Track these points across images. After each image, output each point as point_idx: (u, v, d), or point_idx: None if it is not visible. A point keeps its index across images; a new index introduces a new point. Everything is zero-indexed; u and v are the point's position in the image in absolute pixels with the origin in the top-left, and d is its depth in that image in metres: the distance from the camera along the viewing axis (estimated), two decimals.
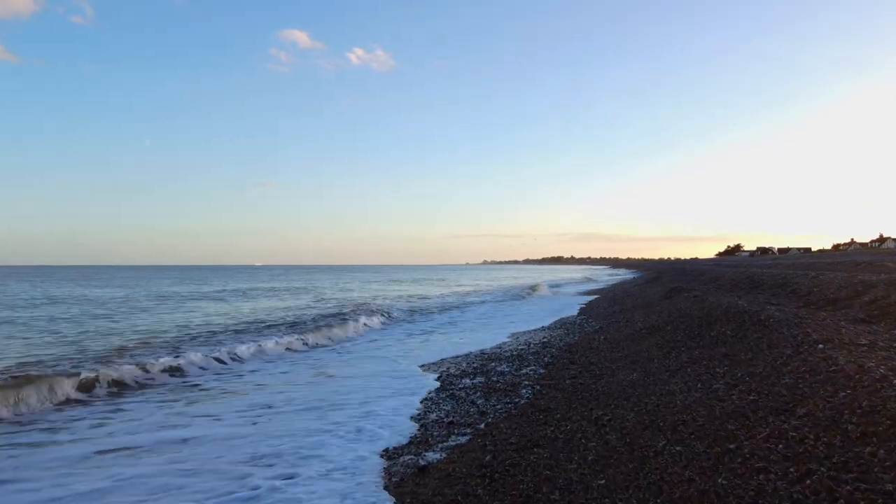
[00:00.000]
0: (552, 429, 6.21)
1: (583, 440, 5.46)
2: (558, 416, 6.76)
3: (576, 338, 14.24)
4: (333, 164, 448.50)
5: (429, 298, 36.78)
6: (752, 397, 5.00)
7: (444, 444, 6.43)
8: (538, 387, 8.88)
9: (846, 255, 51.84)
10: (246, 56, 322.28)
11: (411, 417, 7.90)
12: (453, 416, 7.67)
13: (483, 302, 33.31)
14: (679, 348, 8.88)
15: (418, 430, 7.16)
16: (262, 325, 19.90)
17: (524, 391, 8.74)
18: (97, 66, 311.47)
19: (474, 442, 6.26)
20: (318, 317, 22.24)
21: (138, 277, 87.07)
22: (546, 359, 11.66)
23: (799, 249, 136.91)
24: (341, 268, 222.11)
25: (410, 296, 39.38)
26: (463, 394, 9.15)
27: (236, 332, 17.88)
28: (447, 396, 9.06)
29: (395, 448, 6.40)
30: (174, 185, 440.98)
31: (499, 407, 7.91)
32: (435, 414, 8.01)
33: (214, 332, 17.68)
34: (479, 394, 8.96)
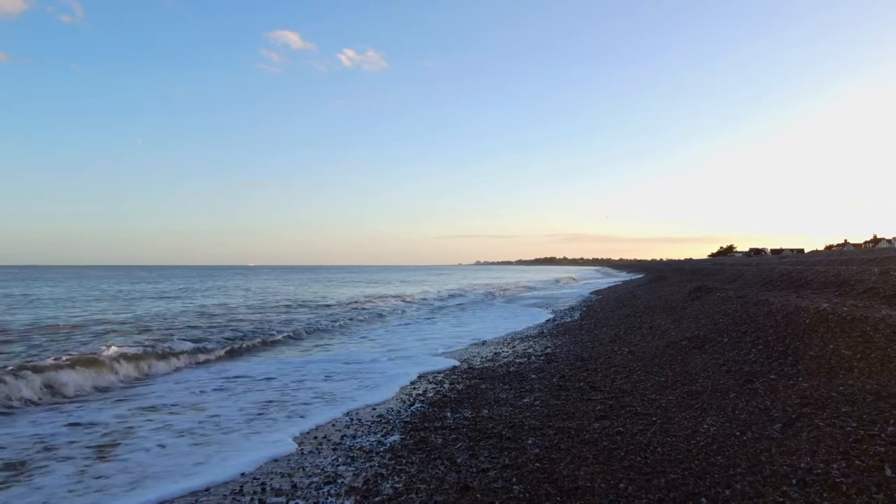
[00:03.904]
0: None
1: None
2: None
3: (588, 349, 11.25)
4: (327, 164, 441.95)
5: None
6: None
7: None
8: (551, 432, 5.88)
9: (855, 254, 49.21)
10: (237, 56, 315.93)
11: (350, 488, 4.90)
12: (417, 492, 4.65)
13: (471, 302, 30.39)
14: (765, 374, 5.90)
15: None
16: None
17: (530, 440, 5.72)
18: (87, 66, 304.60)
19: None
20: None
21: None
22: (555, 379, 8.68)
23: (792, 250, 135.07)
24: (347, 268, 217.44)
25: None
26: (439, 439, 6.14)
27: None
28: (415, 444, 6.04)
29: None
30: (168, 186, 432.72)
31: (492, 474, 4.89)
32: (390, 483, 4.99)
33: None
34: (462, 442, 5.94)
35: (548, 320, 19.18)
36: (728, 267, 33.15)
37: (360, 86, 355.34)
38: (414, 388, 9.08)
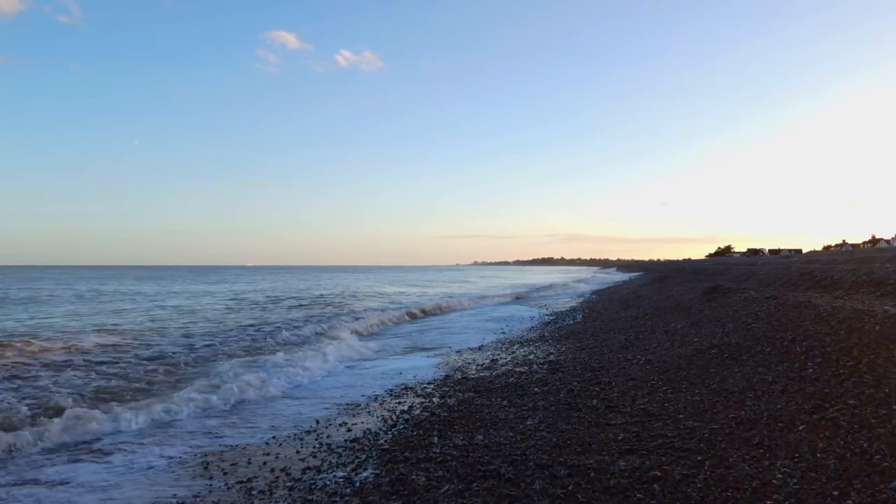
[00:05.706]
0: None
1: None
2: None
3: (597, 356, 9.96)
4: (327, 164, 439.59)
5: None
6: None
7: None
8: (563, 472, 4.58)
9: (868, 253, 48.07)
10: (236, 57, 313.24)
11: None
12: None
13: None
14: (839, 399, 4.61)
15: None
16: None
17: (537, 485, 4.42)
18: (86, 66, 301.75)
19: None
20: None
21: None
22: (562, 394, 7.40)
23: (790, 251, 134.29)
24: (347, 269, 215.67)
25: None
26: (422, 478, 4.85)
27: None
28: (391, 484, 4.74)
29: None
30: (167, 186, 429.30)
31: None
32: None
33: None
34: (449, 483, 4.65)
35: (547, 322, 17.89)
36: (733, 266, 31.93)
37: (359, 86, 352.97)
38: (398, 403, 7.79)
